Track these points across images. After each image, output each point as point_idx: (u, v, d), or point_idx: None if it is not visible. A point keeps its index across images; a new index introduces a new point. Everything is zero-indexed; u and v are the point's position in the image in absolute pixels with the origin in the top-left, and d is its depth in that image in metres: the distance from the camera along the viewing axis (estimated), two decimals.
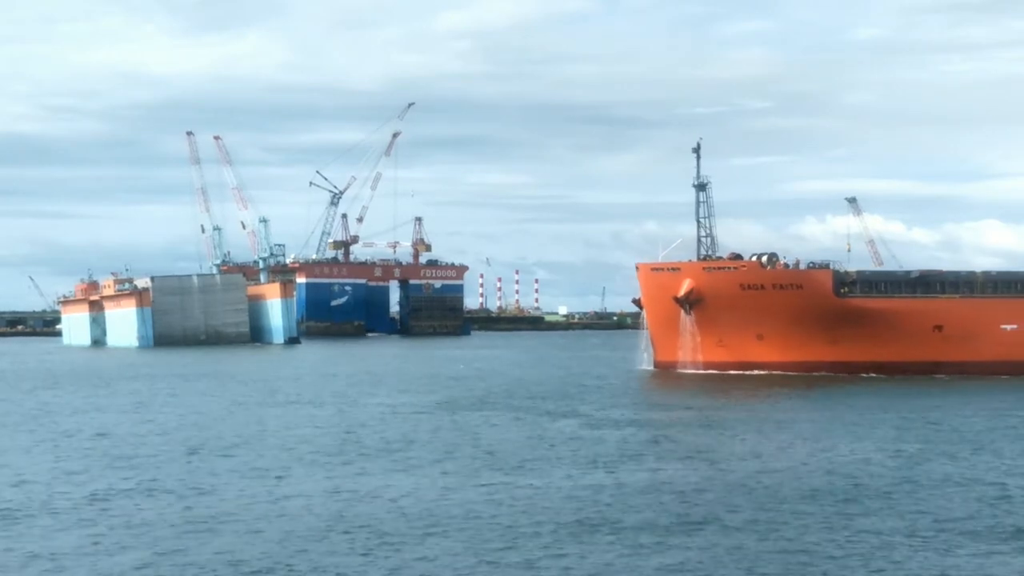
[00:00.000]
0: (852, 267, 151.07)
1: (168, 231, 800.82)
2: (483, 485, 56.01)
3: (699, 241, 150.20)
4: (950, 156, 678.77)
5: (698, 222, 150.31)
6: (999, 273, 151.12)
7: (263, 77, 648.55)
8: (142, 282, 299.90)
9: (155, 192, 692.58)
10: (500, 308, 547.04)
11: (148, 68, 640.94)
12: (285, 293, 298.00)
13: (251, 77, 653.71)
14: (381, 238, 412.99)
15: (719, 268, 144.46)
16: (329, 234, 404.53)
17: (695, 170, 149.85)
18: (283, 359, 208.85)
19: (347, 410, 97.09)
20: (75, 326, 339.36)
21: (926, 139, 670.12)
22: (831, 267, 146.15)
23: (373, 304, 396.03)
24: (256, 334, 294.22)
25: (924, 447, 70.91)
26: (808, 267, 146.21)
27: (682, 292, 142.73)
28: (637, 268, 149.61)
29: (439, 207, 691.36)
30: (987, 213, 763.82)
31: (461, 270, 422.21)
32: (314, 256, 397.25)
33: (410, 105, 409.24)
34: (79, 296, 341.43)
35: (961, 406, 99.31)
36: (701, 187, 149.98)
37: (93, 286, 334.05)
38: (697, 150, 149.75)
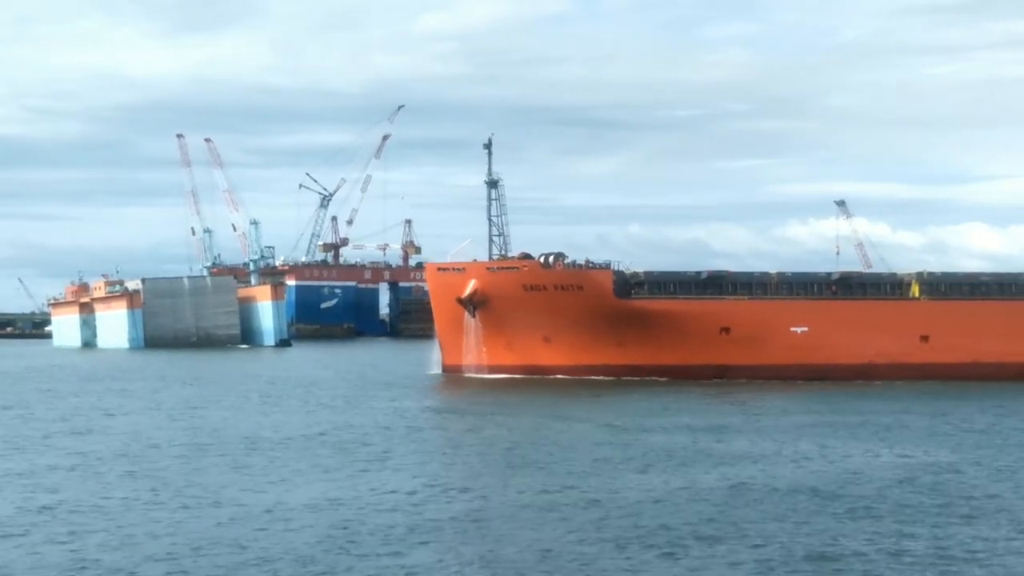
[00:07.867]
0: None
1: (157, 233, 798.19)
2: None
3: (490, 240, 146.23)
4: (933, 158, 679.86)
5: (489, 220, 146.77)
6: (793, 275, 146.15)
7: (244, 79, 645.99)
8: (133, 284, 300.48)
9: (138, 195, 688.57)
10: None
11: (127, 70, 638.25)
12: (275, 295, 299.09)
13: (232, 79, 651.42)
14: (371, 240, 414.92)
15: (502, 268, 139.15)
16: (319, 236, 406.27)
17: (487, 166, 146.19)
18: (269, 362, 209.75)
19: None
20: (65, 328, 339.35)
21: (909, 141, 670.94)
22: (613, 267, 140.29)
23: (363, 306, 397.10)
24: (247, 336, 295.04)
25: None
26: (589, 267, 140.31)
27: (466, 293, 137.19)
28: (424, 268, 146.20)
29: (427, 209, 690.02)
30: (971, 216, 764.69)
31: None
32: (304, 258, 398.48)
33: (400, 107, 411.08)
34: (69, 298, 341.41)
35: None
36: (492, 184, 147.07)
37: (83, 288, 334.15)
38: (488, 146, 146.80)
